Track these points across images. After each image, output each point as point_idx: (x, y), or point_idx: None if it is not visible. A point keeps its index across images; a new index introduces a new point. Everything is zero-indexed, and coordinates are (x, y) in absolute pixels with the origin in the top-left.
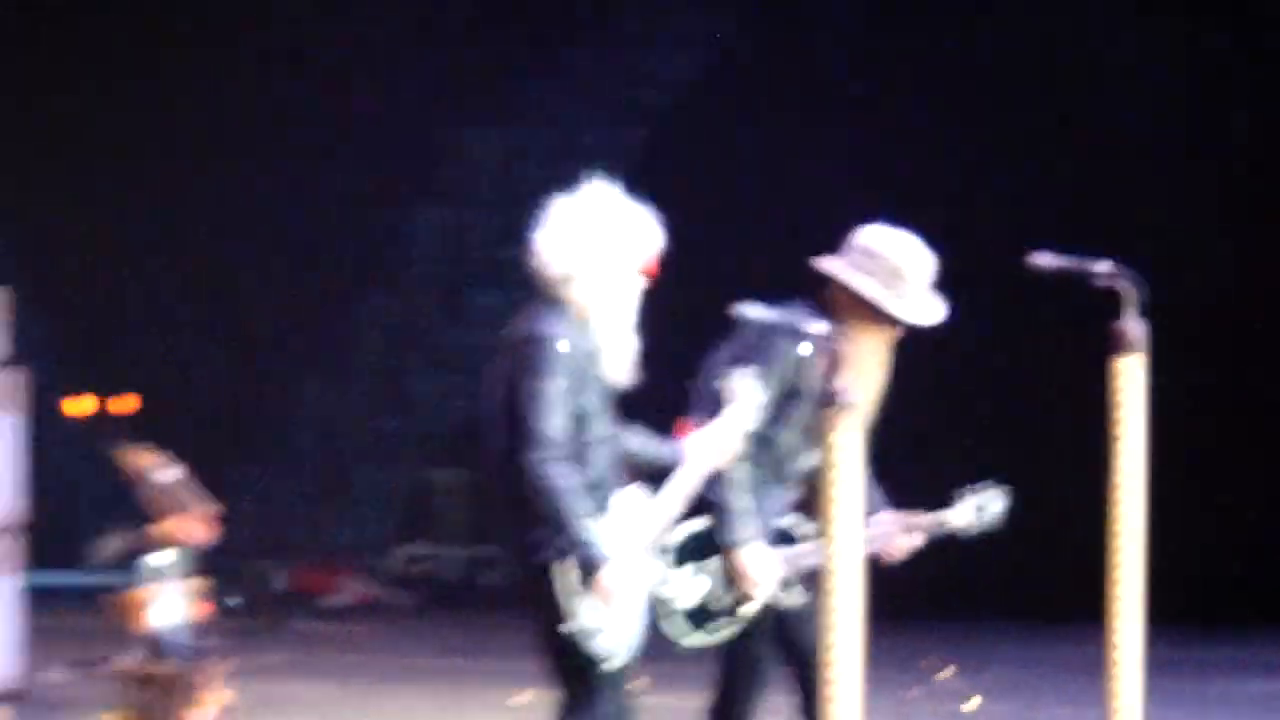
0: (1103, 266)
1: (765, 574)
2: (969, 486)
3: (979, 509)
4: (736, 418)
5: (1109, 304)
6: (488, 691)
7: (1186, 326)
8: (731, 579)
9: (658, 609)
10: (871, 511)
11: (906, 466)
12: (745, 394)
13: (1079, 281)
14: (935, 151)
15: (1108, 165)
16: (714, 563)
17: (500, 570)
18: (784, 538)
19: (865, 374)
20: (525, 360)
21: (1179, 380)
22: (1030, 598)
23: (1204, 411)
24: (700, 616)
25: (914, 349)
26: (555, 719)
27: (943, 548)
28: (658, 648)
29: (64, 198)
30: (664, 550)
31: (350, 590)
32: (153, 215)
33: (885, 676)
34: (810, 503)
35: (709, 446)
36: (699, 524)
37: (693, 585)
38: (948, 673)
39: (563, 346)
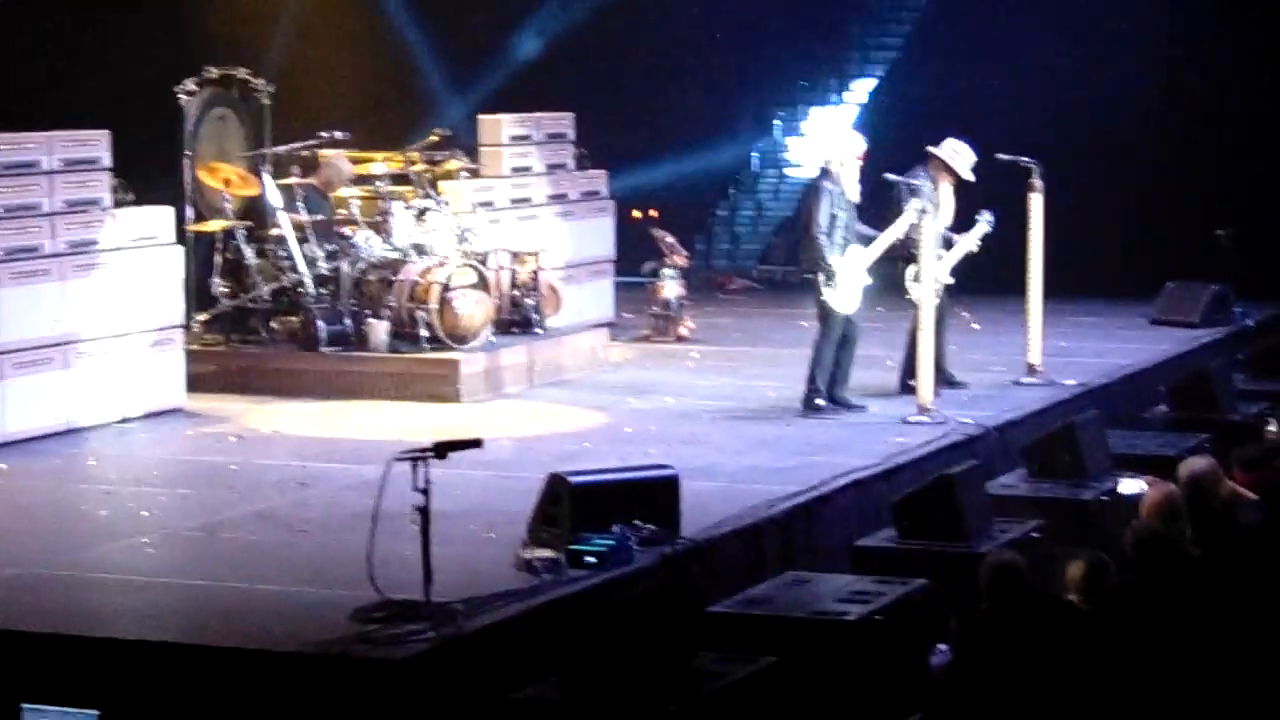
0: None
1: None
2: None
3: (985, 219)
4: (904, 221)
5: None
6: (791, 319)
7: None
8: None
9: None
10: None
11: None
12: (909, 210)
13: None
14: None
15: None
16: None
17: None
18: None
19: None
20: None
21: None
22: None
23: None
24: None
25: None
26: (818, 332)
27: None
28: None
29: None
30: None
31: (739, 283)
32: None
33: None
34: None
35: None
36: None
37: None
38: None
39: (831, 185)
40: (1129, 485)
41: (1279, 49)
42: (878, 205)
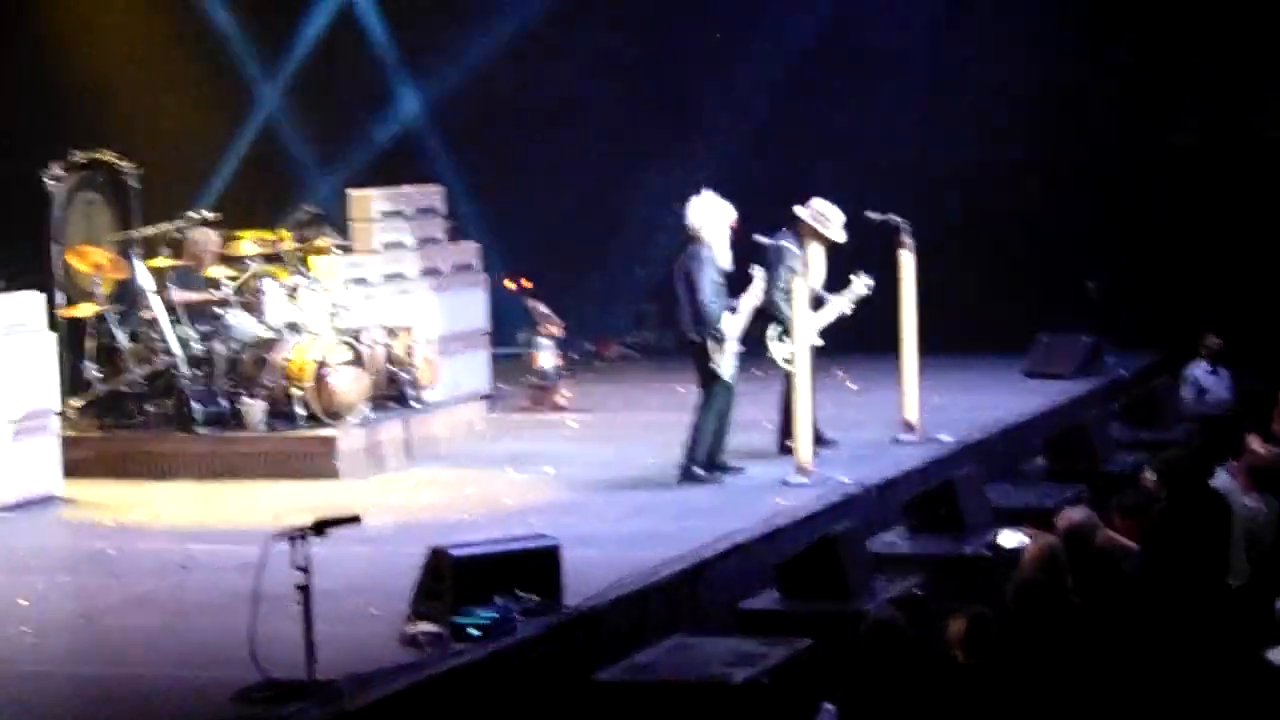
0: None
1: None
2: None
3: (862, 282)
4: (756, 286)
5: None
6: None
7: None
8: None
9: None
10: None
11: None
12: (758, 280)
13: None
14: None
15: None
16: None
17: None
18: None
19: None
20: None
21: None
22: None
23: None
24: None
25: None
26: (700, 400)
27: None
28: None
29: None
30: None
31: (616, 350)
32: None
33: None
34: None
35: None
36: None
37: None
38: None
39: (707, 252)
40: (1009, 538)
41: (1142, 103)
42: (744, 271)
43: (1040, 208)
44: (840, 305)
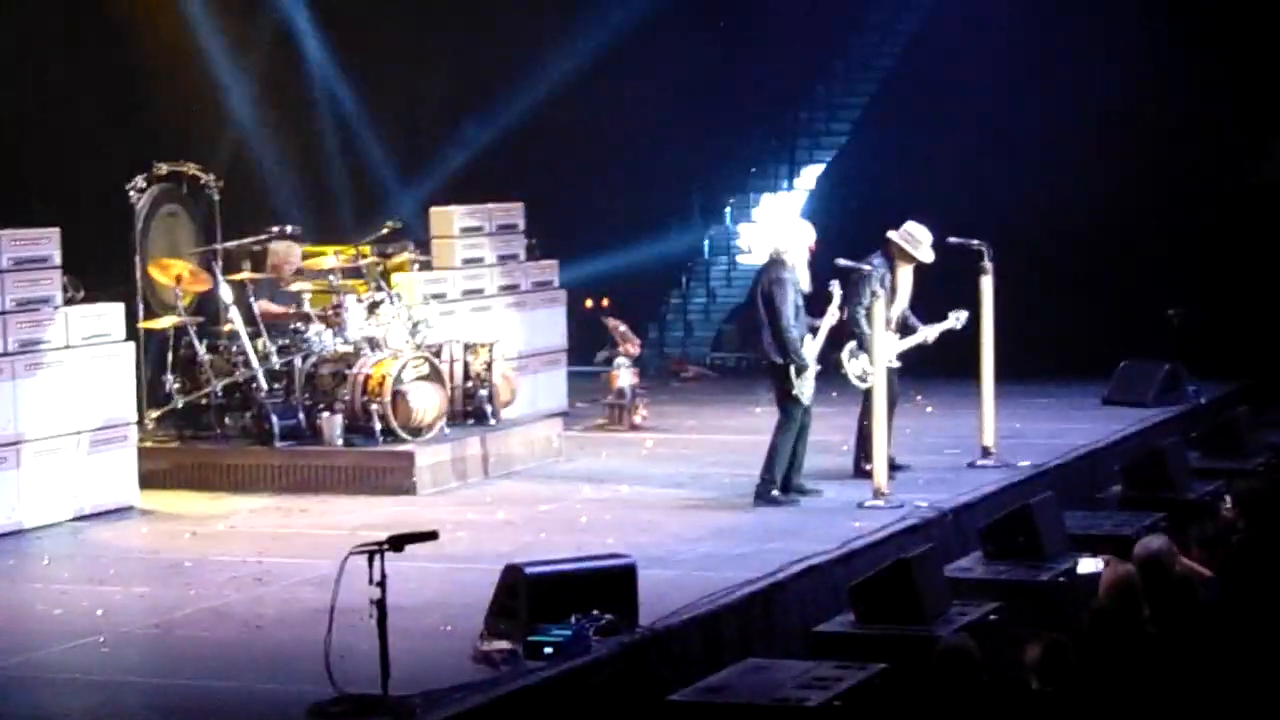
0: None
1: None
2: (952, 310)
3: (957, 319)
4: (832, 309)
5: None
6: (746, 407)
7: None
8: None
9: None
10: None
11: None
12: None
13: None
14: None
15: None
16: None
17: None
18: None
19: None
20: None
21: None
22: None
23: None
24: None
25: None
26: (778, 422)
27: None
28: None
29: None
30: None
31: (693, 371)
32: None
33: None
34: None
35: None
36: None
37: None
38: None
39: (788, 275)
40: (1086, 565)
41: (1230, 135)
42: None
43: (1125, 235)
44: (925, 334)
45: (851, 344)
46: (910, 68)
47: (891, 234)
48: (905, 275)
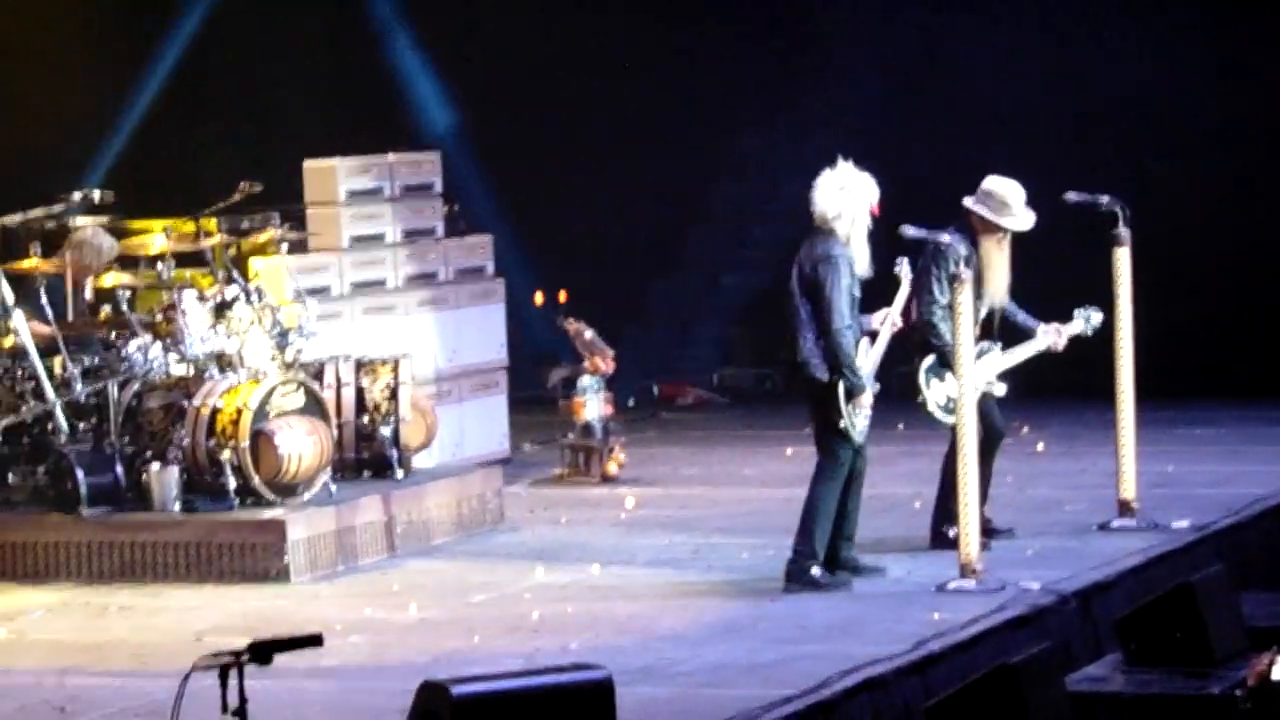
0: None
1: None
2: (1080, 307)
3: (1087, 320)
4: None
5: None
6: (771, 447)
7: None
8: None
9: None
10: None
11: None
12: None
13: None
14: None
15: None
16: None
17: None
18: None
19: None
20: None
21: None
22: None
23: None
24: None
25: None
26: (818, 468)
27: None
28: None
29: None
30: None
31: (692, 395)
32: None
33: None
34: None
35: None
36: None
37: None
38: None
39: (843, 252)
40: (1275, 671)
41: None
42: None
43: None
44: (1044, 341)
45: (931, 358)
46: None
47: (967, 202)
48: (998, 256)
